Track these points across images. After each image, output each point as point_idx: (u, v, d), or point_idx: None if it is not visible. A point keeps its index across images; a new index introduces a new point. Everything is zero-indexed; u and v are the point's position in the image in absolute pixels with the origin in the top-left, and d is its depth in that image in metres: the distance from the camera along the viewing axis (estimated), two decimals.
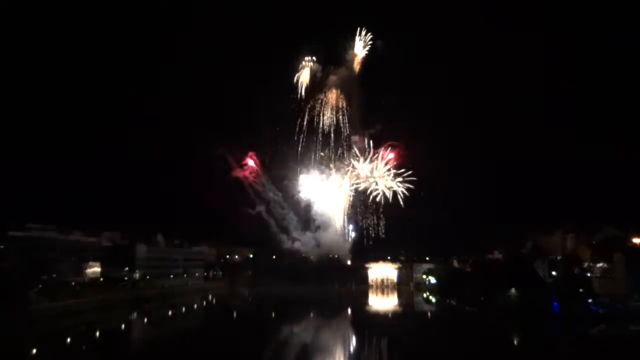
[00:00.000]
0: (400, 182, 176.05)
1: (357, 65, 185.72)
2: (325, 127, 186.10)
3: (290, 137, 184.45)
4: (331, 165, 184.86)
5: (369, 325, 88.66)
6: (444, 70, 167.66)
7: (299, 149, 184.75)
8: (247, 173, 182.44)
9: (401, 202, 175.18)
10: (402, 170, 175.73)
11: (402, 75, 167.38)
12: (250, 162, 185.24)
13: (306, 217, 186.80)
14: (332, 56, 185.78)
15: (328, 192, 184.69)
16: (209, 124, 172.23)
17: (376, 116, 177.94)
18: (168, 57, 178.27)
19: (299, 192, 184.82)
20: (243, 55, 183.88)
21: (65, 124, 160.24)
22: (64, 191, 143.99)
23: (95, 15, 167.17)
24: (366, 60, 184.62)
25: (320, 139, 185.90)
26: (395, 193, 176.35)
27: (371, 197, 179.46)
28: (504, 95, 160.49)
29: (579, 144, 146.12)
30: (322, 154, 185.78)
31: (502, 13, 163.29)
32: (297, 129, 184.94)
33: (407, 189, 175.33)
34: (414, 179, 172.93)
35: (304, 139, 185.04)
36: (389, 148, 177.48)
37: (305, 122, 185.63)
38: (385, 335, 73.92)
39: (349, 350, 64.79)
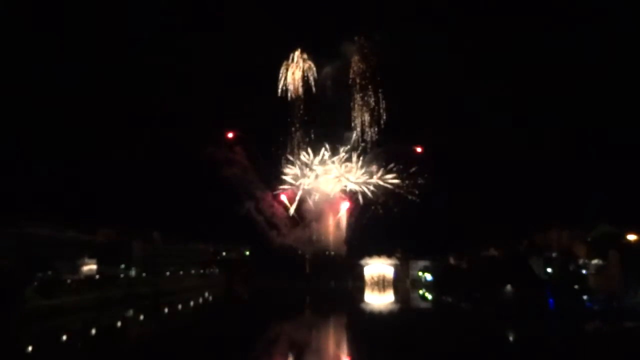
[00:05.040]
0: (395, 180, 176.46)
1: (352, 63, 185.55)
2: (317, 122, 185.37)
3: (281, 130, 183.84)
4: (324, 159, 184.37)
5: (365, 320, 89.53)
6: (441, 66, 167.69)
7: (290, 143, 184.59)
8: (235, 169, 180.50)
9: (398, 199, 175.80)
10: (398, 166, 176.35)
11: (398, 72, 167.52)
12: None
13: (297, 212, 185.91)
14: (326, 53, 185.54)
15: (320, 186, 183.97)
16: (200, 120, 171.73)
17: (371, 112, 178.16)
18: (164, 55, 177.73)
19: (288, 186, 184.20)
20: (234, 50, 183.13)
21: (62, 121, 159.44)
22: (60, 188, 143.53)
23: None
24: (361, 57, 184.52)
25: (313, 133, 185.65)
26: (390, 189, 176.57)
27: (364, 193, 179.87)
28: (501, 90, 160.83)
29: (574, 141, 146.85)
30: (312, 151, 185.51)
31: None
32: (288, 123, 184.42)
33: (405, 186, 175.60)
34: (412, 172, 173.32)
35: (295, 132, 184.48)
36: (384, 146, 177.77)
37: (296, 116, 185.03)
38: (380, 330, 74.58)
39: (346, 344, 65.11)
